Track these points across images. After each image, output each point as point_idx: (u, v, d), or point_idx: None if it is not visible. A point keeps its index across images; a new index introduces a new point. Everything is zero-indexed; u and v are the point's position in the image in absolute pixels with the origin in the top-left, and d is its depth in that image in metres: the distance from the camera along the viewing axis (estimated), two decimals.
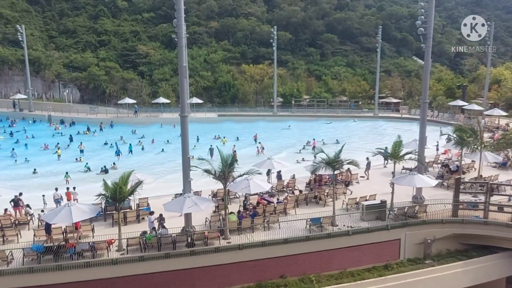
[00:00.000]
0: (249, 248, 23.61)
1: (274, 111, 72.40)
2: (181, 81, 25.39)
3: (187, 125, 25.20)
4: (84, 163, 43.58)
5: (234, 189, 27.51)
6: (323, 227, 25.39)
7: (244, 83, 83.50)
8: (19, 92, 74.78)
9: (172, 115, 63.82)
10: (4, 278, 20.80)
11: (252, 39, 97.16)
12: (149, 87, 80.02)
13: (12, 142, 52.56)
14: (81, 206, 22.70)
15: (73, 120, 65.13)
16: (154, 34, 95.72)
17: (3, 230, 24.35)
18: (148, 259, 22.34)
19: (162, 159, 46.60)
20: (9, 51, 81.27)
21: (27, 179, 38.93)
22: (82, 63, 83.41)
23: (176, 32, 24.87)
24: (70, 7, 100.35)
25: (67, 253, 21.82)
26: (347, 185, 32.84)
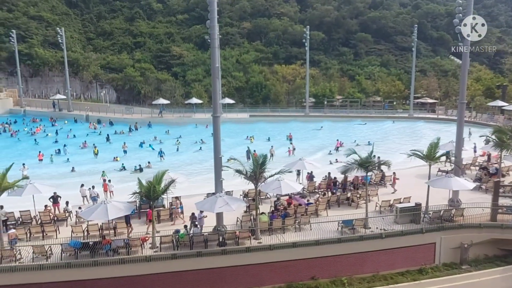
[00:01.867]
0: (280, 249, 23.58)
1: (306, 112, 71.96)
2: (214, 82, 25.66)
3: (219, 125, 25.42)
4: (120, 162, 44.71)
5: (265, 190, 27.57)
6: (356, 229, 25.05)
7: (276, 84, 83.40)
8: (58, 93, 77.53)
9: (205, 115, 64.48)
10: (43, 272, 21.64)
11: (285, 39, 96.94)
12: (182, 88, 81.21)
13: (52, 142, 54.44)
14: (117, 204, 23.34)
15: (111, 120, 66.77)
16: (187, 36, 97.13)
17: (43, 226, 25.31)
18: (180, 257, 22.70)
19: (195, 159, 47.14)
20: (50, 53, 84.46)
21: (65, 177, 40.32)
22: (119, 65, 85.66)
23: (209, 33, 25.15)
24: (107, 9, 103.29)
25: (103, 249, 22.44)
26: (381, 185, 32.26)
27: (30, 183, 25.99)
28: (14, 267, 21.46)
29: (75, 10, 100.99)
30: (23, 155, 48.33)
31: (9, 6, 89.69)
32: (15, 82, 79.71)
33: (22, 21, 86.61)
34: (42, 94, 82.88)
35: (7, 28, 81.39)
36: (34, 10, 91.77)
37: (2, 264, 21.54)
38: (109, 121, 66.63)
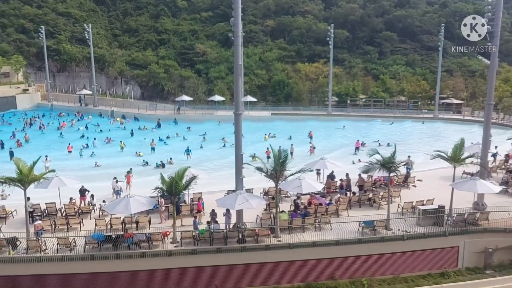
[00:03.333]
0: (300, 248, 23.53)
1: (329, 111, 71.41)
2: (236, 79, 25.70)
3: (241, 123, 25.47)
4: (143, 157, 45.35)
5: (285, 188, 27.53)
6: (377, 230, 24.77)
7: (298, 82, 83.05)
8: (85, 88, 79.14)
9: (227, 113, 64.76)
10: (67, 264, 22.17)
11: (308, 37, 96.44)
12: (205, 85, 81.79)
13: (79, 136, 55.58)
14: (139, 198, 23.73)
15: (136, 116, 67.73)
16: (211, 33, 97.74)
17: (68, 218, 25.91)
18: (200, 253, 22.91)
19: (217, 156, 47.37)
20: (77, 49, 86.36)
21: (89, 170, 41.14)
22: (143, 61, 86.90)
23: (232, 31, 25.24)
24: (133, 6, 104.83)
25: (125, 242, 22.83)
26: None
27: (56, 176, 26.63)
28: (39, 257, 22.06)
29: (102, 7, 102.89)
30: (50, 147, 49.63)
31: (39, 2, 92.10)
32: (43, 77, 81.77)
33: (50, 17, 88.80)
34: (69, 89, 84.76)
35: (37, 24, 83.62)
36: (62, 6, 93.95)
37: (28, 255, 22.17)
38: (134, 117, 67.58)
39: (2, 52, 78.30)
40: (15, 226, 25.50)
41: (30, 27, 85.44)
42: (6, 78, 76.86)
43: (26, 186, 22.90)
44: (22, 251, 22.39)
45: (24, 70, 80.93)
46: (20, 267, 22.02)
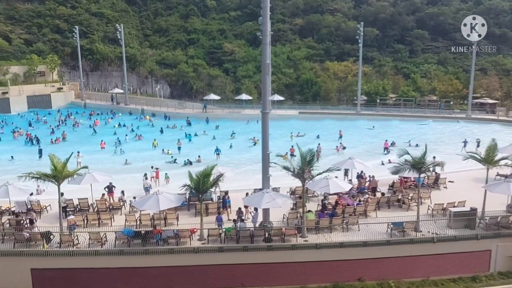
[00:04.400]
0: (327, 248, 23.38)
1: (358, 110, 70.52)
2: (264, 78, 25.74)
3: (268, 122, 25.49)
4: (172, 154, 46.02)
5: (312, 188, 27.36)
6: (406, 232, 24.33)
7: (327, 81, 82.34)
8: (116, 87, 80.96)
9: (254, 112, 64.89)
10: (98, 258, 22.77)
11: (337, 36, 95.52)
12: (233, 84, 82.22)
13: (110, 134, 56.90)
14: (168, 195, 24.13)
15: (166, 114, 68.72)
16: (239, 32, 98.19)
17: (99, 214, 26.60)
18: (226, 251, 23.09)
19: (244, 154, 47.57)
20: (109, 48, 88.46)
21: (120, 167, 42.09)
22: (173, 60, 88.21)
23: (261, 30, 25.27)
24: (163, 7, 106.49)
25: (153, 238, 23.26)
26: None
27: (88, 172, 27.37)
28: (72, 251, 22.75)
29: (133, 7, 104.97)
30: (84, 144, 51.05)
31: (73, 3, 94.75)
32: (77, 76, 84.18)
33: (84, 18, 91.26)
34: (102, 87, 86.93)
35: (71, 24, 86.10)
36: (95, 7, 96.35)
37: (61, 248, 22.90)
38: (164, 115, 68.60)
39: (38, 51, 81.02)
40: (49, 220, 26.38)
41: (65, 27, 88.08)
42: (42, 77, 79.51)
43: (59, 182, 23.62)
44: (55, 245, 23.14)
45: (59, 69, 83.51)
46: (54, 261, 22.75)
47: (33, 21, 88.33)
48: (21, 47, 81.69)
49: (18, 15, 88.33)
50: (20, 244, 23.16)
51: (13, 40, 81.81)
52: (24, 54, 79.86)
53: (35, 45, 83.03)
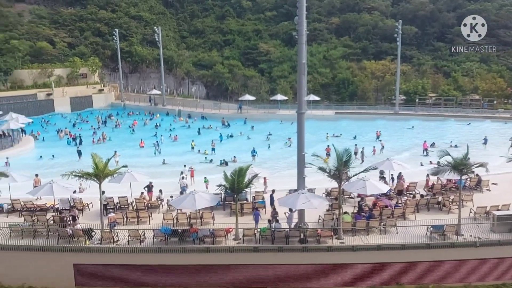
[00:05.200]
0: (364, 251, 23.02)
1: (396, 110, 68.94)
2: (300, 78, 25.57)
3: (304, 122, 25.33)
4: (208, 155, 46.56)
5: (349, 189, 26.98)
6: (446, 235, 23.58)
7: (364, 80, 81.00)
8: (154, 88, 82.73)
9: (289, 112, 64.56)
10: (137, 255, 23.37)
11: (374, 34, 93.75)
12: (268, 84, 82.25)
13: (149, 134, 58.19)
14: (204, 195, 24.48)
15: (203, 115, 69.57)
16: (275, 32, 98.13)
17: (138, 212, 27.26)
18: (262, 251, 23.12)
19: (279, 155, 47.49)
20: (147, 50, 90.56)
21: (157, 167, 42.94)
22: (209, 62, 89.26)
23: (297, 30, 25.14)
24: (200, 8, 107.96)
25: (190, 237, 23.61)
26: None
27: (128, 171, 28.13)
28: (112, 248, 23.43)
29: (171, 10, 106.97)
30: (123, 144, 52.73)
31: (113, 7, 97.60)
32: (116, 77, 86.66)
33: (124, 21, 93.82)
34: (140, 89, 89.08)
35: (111, 27, 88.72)
36: (134, 10, 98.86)
37: (102, 245, 23.63)
38: (202, 116, 69.45)
39: (80, 54, 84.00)
40: (90, 218, 27.30)
41: (105, 31, 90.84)
42: (84, 78, 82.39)
43: (101, 180, 24.41)
44: (96, 242, 23.91)
45: (100, 71, 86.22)
46: (95, 257, 23.54)
47: (76, 25, 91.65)
48: (64, 50, 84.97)
49: (62, 19, 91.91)
50: (64, 240, 24.08)
51: (57, 43, 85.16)
52: (67, 57, 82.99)
53: (78, 48, 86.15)
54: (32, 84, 76.19)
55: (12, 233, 24.84)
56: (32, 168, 39.50)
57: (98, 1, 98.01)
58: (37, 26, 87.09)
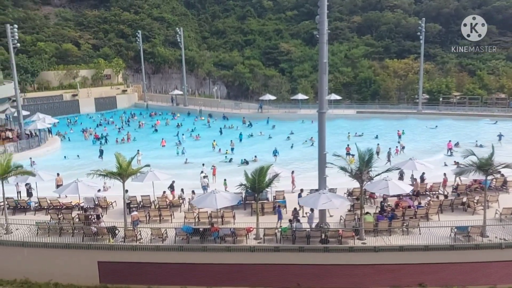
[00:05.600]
0: (386, 251, 22.77)
1: (419, 109, 67.85)
2: (321, 78, 25.44)
3: (325, 122, 25.20)
4: (229, 154, 46.80)
5: (371, 189, 26.72)
6: (471, 237, 23.12)
7: (386, 79, 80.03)
8: (176, 88, 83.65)
9: (310, 111, 64.32)
10: (159, 253, 23.71)
11: (397, 33, 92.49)
12: (289, 84, 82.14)
13: (170, 134, 58.85)
14: (225, 194, 24.66)
15: (225, 115, 70.01)
16: (296, 32, 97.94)
17: (160, 210, 27.65)
18: (282, 250, 23.13)
19: (301, 155, 47.35)
20: (169, 51, 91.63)
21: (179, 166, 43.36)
22: (230, 62, 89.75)
23: (318, 29, 25.06)
24: (221, 9, 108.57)
25: (211, 236, 23.81)
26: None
27: (150, 170, 28.55)
28: (135, 246, 23.85)
29: (192, 11, 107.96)
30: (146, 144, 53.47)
31: (136, 8, 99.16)
32: (139, 78, 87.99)
33: (146, 22, 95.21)
34: (162, 89, 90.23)
35: (134, 29, 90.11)
36: (157, 11, 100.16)
37: (125, 243, 24.06)
38: (223, 116, 69.82)
39: (104, 55, 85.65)
40: (114, 216, 27.84)
41: (129, 32, 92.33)
42: (108, 79, 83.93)
43: (124, 179, 24.86)
44: (120, 239, 24.35)
45: (123, 72, 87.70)
46: (118, 254, 23.98)
47: (100, 27, 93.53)
48: (89, 52, 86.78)
49: (87, 21, 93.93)
50: (88, 238, 24.64)
51: (82, 45, 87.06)
52: (91, 58, 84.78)
53: (102, 50, 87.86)
54: (58, 85, 78.10)
55: (39, 230, 25.54)
56: (58, 168, 40.49)
57: (122, 3, 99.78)
58: (62, 28, 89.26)
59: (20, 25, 75.18)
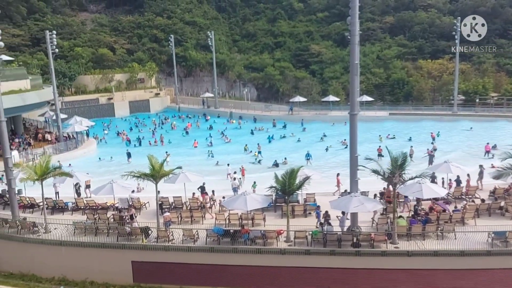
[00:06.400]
0: (419, 256, 22.30)
1: (454, 110, 65.98)
2: (352, 79, 25.19)
3: (356, 123, 24.94)
4: (257, 157, 46.92)
5: (404, 192, 26.18)
6: (509, 242, 22.31)
7: (420, 80, 78.35)
8: (207, 91, 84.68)
9: (341, 113, 63.60)
10: (191, 254, 24.06)
11: (431, 33, 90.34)
12: (319, 85, 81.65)
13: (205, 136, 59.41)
14: (255, 196, 24.78)
15: (255, 117, 70.22)
16: (326, 33, 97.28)
17: (191, 212, 28.03)
18: (313, 254, 23.00)
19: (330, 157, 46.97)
20: (201, 55, 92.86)
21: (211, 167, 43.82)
22: (260, 64, 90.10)
23: (349, 30, 24.84)
24: (251, 12, 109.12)
25: (242, 238, 23.95)
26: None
27: (182, 172, 29.00)
28: (167, 246, 24.27)
29: (223, 14, 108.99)
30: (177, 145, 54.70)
31: (169, 13, 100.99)
32: (172, 81, 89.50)
33: (179, 27, 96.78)
34: (194, 92, 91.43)
35: (167, 33, 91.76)
36: (189, 16, 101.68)
37: (158, 243, 24.52)
38: (254, 118, 70.03)
39: (138, 60, 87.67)
40: (147, 216, 28.44)
41: (162, 37, 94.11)
42: (142, 83, 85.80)
43: (157, 180, 25.38)
44: (153, 240, 24.84)
45: (156, 76, 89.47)
46: (151, 254, 24.49)
47: (134, 32, 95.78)
48: (123, 56, 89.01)
49: (121, 26, 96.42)
50: (122, 238, 25.26)
51: (117, 50, 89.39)
52: (126, 63, 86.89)
53: (136, 54, 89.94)
54: (94, 89, 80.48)
55: (76, 230, 26.37)
56: (93, 169, 41.73)
57: (155, 9, 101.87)
58: (98, 34, 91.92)
59: (59, 31, 77.85)
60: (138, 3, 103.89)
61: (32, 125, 62.26)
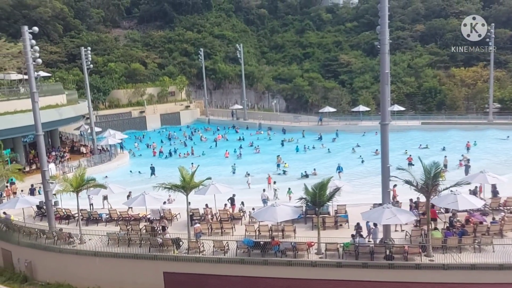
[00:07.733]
0: (456, 270, 21.55)
1: (489, 119, 63.98)
2: (383, 88, 24.85)
3: (387, 133, 24.54)
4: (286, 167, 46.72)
5: (438, 204, 25.48)
6: None
7: (453, 88, 76.52)
8: (236, 103, 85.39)
9: (372, 123, 62.75)
10: (221, 265, 24.10)
11: (463, 40, 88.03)
12: (349, 95, 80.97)
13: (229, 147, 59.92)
14: (285, 208, 24.60)
15: (284, 128, 70.26)
16: (355, 43, 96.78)
17: (222, 223, 28.14)
18: (345, 266, 22.62)
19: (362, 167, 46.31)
20: (230, 67, 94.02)
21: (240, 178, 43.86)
22: (288, 75, 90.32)
23: (379, 39, 24.61)
24: (279, 24, 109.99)
25: (272, 249, 23.82)
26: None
27: (212, 183, 29.23)
28: (198, 257, 24.41)
29: (252, 27, 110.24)
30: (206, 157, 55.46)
31: (198, 27, 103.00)
32: (201, 94, 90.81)
33: (208, 40, 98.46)
34: (223, 104, 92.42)
35: (196, 47, 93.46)
36: (218, 29, 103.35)
37: (189, 254, 24.71)
38: (282, 129, 70.02)
39: (169, 73, 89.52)
40: (178, 228, 28.69)
41: (191, 50, 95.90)
42: (172, 96, 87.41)
43: (188, 192, 25.67)
44: (184, 251, 25.05)
45: (187, 89, 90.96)
46: (183, 265, 24.67)
47: (165, 46, 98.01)
48: (155, 71, 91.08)
49: (153, 41, 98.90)
50: (154, 249, 25.57)
51: (149, 64, 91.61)
52: (157, 77, 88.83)
53: (167, 68, 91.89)
54: (127, 103, 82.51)
55: (110, 241, 26.91)
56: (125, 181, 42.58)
57: (185, 23, 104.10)
58: (131, 49, 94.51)
59: (93, 48, 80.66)
60: (168, 18, 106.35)
61: (68, 138, 64.34)
